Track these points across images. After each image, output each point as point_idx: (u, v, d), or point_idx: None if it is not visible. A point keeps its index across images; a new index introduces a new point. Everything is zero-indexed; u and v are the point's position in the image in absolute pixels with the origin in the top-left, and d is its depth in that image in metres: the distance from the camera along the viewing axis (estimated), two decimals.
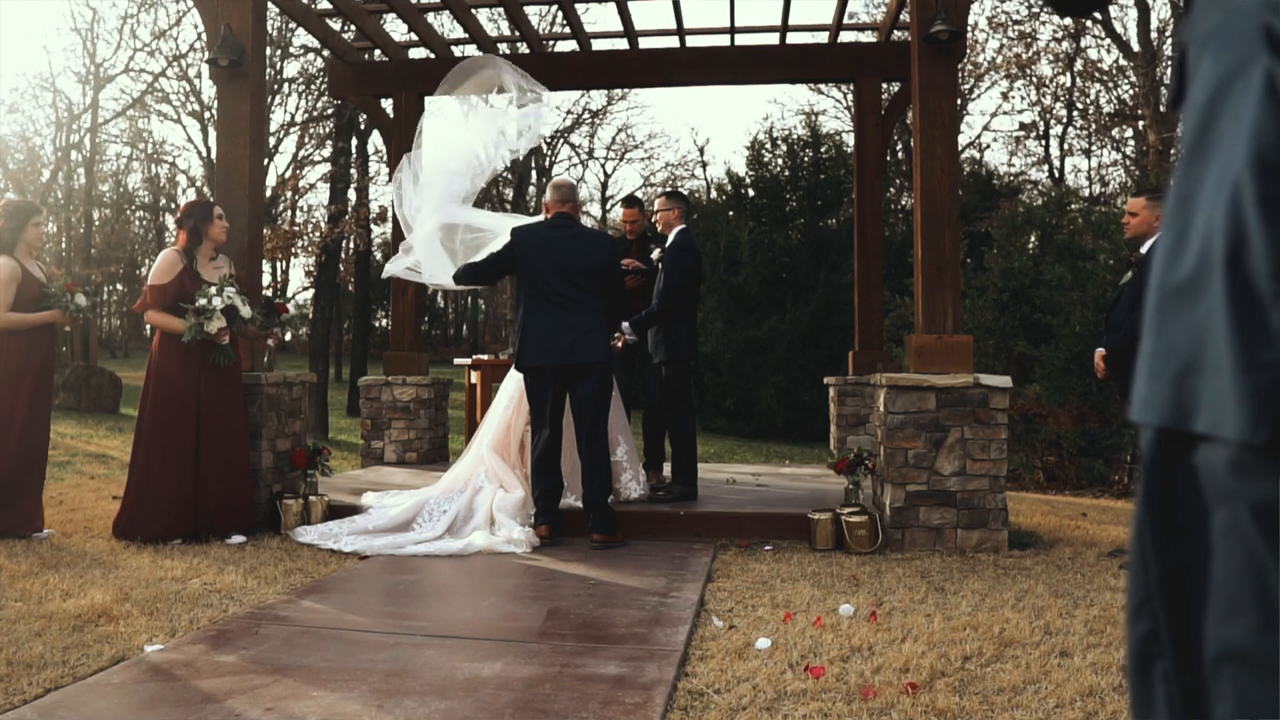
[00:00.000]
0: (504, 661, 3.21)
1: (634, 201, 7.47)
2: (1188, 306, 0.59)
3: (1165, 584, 0.63)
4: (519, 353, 5.52)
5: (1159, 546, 0.63)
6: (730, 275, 16.31)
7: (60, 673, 3.06)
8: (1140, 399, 0.62)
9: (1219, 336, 0.56)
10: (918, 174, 5.88)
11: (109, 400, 15.90)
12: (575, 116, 30.70)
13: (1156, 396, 0.61)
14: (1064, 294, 9.53)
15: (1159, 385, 0.60)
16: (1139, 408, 0.62)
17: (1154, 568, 0.64)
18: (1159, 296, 0.62)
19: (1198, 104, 0.63)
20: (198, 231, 5.72)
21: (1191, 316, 0.59)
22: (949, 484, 5.48)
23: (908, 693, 2.93)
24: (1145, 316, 0.64)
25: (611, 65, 9.40)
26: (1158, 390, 0.60)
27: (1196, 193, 0.61)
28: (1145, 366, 0.62)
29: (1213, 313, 0.57)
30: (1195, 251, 0.59)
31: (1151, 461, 0.64)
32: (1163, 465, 0.63)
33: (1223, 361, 0.55)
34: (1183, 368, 0.59)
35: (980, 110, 41.12)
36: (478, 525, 5.52)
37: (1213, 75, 0.62)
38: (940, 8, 5.72)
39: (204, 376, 5.56)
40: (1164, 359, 0.60)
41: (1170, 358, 0.60)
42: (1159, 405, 0.60)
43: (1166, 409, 0.60)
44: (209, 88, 20.41)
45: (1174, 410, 0.59)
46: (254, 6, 6.29)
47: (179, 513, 5.42)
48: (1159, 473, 0.63)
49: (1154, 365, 0.61)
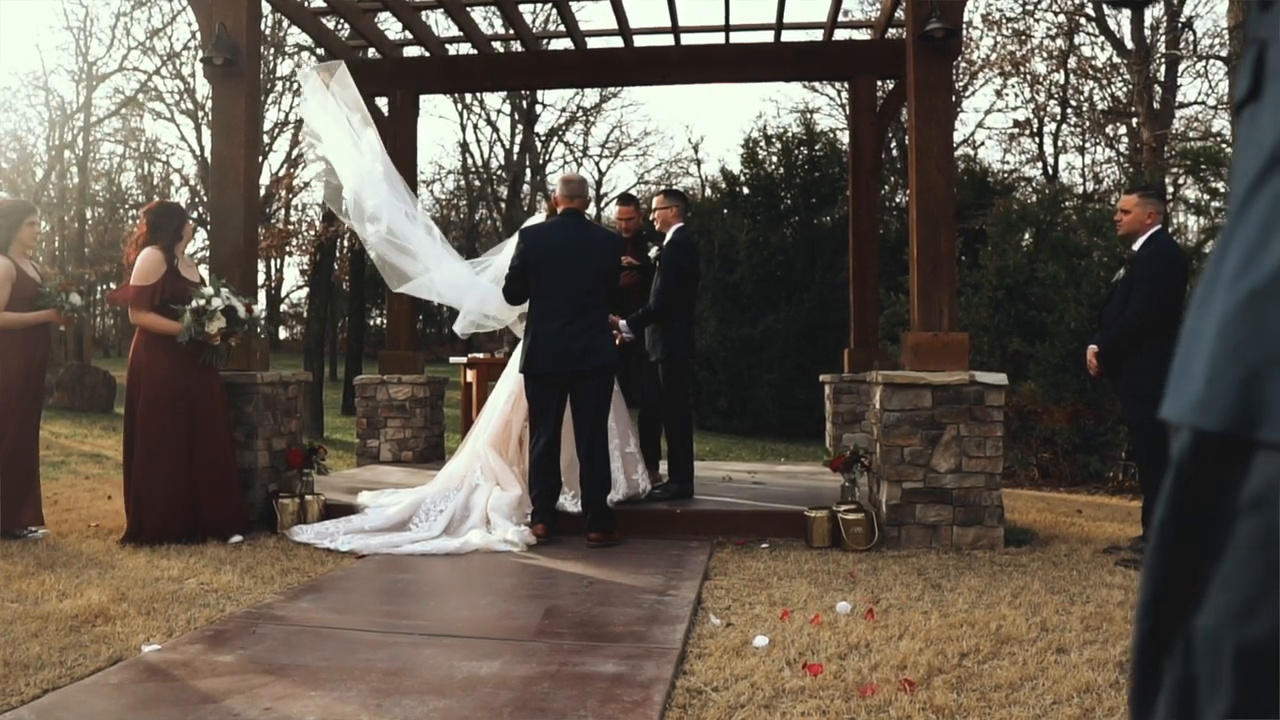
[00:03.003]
0: (502, 660, 3.21)
1: (629, 199, 7.45)
2: (1267, 309, 0.56)
3: (1180, 583, 0.62)
4: (528, 357, 5.49)
5: (1180, 546, 0.63)
6: (725, 273, 16.32)
7: (57, 673, 3.06)
8: (1193, 401, 0.59)
9: None
10: (913, 172, 5.89)
11: (103, 400, 15.87)
12: (569, 114, 30.72)
13: (1218, 400, 0.57)
14: (1059, 291, 9.55)
15: (1221, 388, 0.57)
16: (1191, 410, 0.59)
17: (1170, 566, 0.63)
18: (1234, 295, 0.59)
19: None
20: (178, 233, 5.67)
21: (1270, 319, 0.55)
22: (945, 481, 5.49)
23: (905, 690, 2.94)
24: (1197, 316, 0.61)
25: (606, 63, 9.40)
26: (1220, 393, 0.57)
27: None
28: (1203, 368, 0.59)
29: None
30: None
31: (1187, 463, 0.62)
32: (1199, 468, 0.61)
33: None
34: (1254, 372, 0.55)
35: (974, 107, 41.20)
36: (474, 524, 5.51)
37: None
38: (935, 5, 5.72)
39: (193, 376, 5.55)
40: (1231, 361, 0.57)
41: (1239, 360, 0.56)
42: (1220, 408, 0.57)
43: (1229, 413, 0.57)
44: (203, 86, 20.35)
45: (1239, 415, 0.56)
46: (248, 5, 6.27)
47: (176, 513, 5.41)
48: (1193, 475, 0.61)
49: (1216, 367, 0.58)
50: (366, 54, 9.86)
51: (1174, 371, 0.62)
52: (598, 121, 33.39)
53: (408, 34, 8.94)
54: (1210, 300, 0.61)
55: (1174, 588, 0.63)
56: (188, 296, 5.52)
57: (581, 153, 32.61)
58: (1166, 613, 0.63)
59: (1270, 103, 0.62)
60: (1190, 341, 0.62)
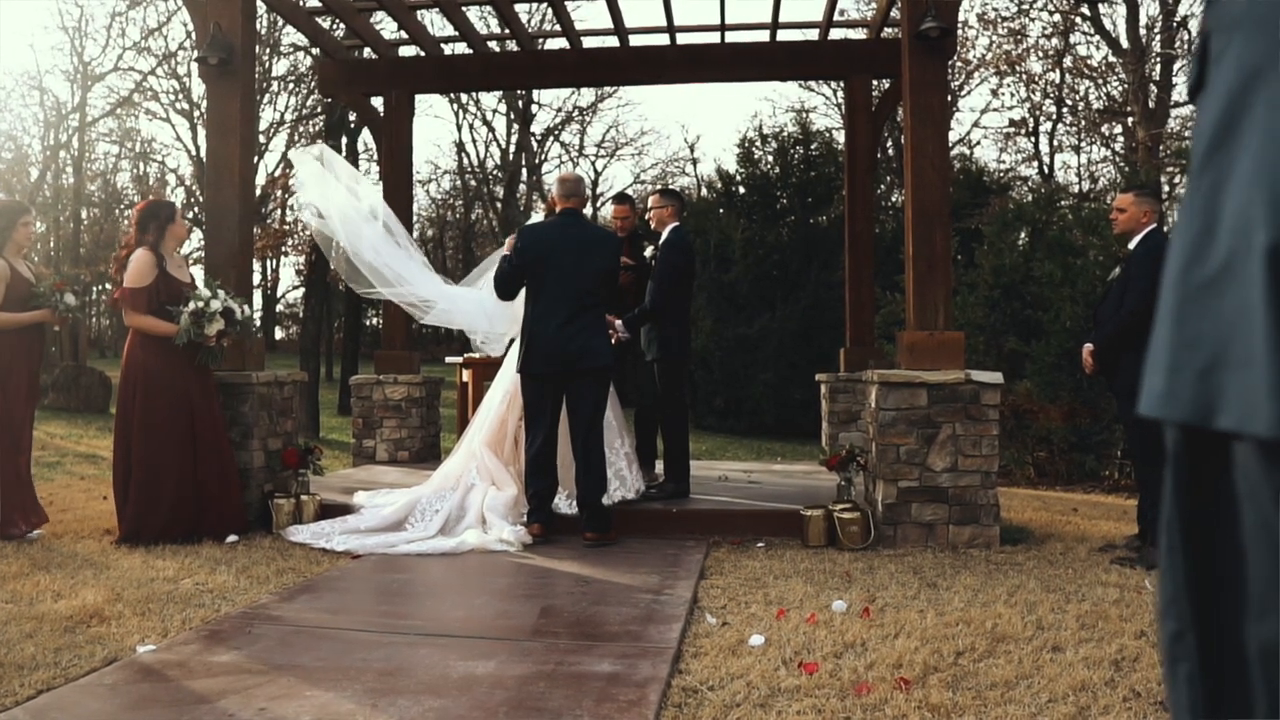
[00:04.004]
0: (498, 660, 3.21)
1: (625, 198, 7.44)
2: (1215, 299, 0.56)
3: (1192, 583, 0.62)
4: (524, 357, 5.48)
5: (1186, 545, 0.62)
6: (721, 273, 16.32)
7: (52, 674, 3.05)
8: (1158, 394, 0.59)
9: (1252, 329, 0.53)
10: (909, 171, 5.89)
11: (99, 400, 15.83)
12: (565, 114, 30.71)
13: (1180, 392, 0.58)
14: (1054, 290, 9.56)
15: (1181, 380, 0.58)
16: (1158, 403, 0.59)
17: (1181, 567, 0.62)
18: (1182, 290, 0.59)
19: (1225, 91, 0.60)
20: (161, 229, 5.65)
21: (1219, 310, 0.56)
22: (941, 480, 5.49)
23: (901, 688, 2.94)
24: (1162, 310, 0.61)
25: (602, 63, 9.40)
26: (1180, 385, 0.58)
27: (1225, 183, 0.58)
28: (1165, 361, 0.59)
29: (1246, 305, 0.54)
30: (1226, 243, 0.56)
31: (1178, 459, 0.62)
32: (1189, 462, 0.61)
33: (1255, 355, 0.53)
34: (1210, 362, 0.56)
35: (970, 107, 41.18)
36: (470, 524, 5.51)
37: (1243, 61, 0.59)
38: (930, 5, 5.73)
39: (190, 376, 5.54)
40: (1188, 353, 0.57)
41: (1196, 352, 0.57)
42: (1183, 400, 0.58)
43: (1190, 404, 0.57)
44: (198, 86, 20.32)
45: (1198, 406, 0.56)
46: (243, 5, 6.26)
47: (177, 513, 5.41)
48: (1185, 470, 0.61)
49: (1176, 359, 0.58)
50: (362, 53, 9.86)
51: (1146, 366, 0.62)
52: (593, 121, 33.43)
53: (403, 33, 8.92)
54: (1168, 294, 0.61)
55: (1191, 588, 0.62)
56: (183, 298, 5.51)
57: (577, 153, 32.62)
58: (1187, 613, 0.63)
59: (1211, 90, 0.61)
60: (1156, 335, 0.62)
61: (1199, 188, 0.60)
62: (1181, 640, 0.62)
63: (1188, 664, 0.62)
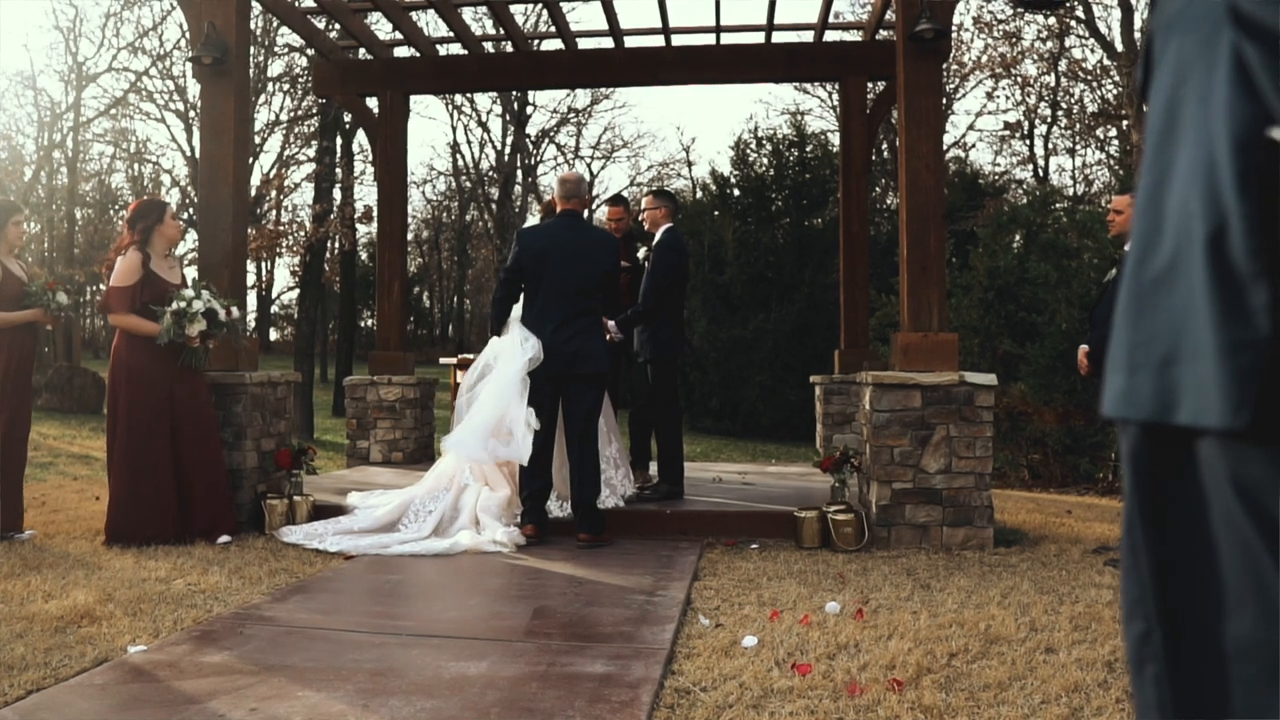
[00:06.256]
0: (490, 661, 3.20)
1: (619, 200, 7.45)
2: (1166, 295, 0.56)
3: (1158, 583, 0.61)
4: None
5: (1151, 544, 0.61)
6: (715, 274, 16.33)
7: (42, 674, 3.03)
8: (1119, 393, 0.59)
9: (1199, 321, 0.53)
10: (903, 173, 5.90)
11: (92, 401, 15.79)
12: (560, 115, 30.70)
13: (1140, 390, 0.58)
14: (1049, 292, 9.57)
15: (1141, 378, 0.58)
16: (1119, 403, 0.59)
17: (1146, 566, 0.62)
18: (1135, 289, 0.59)
19: (1163, 89, 0.60)
20: (149, 229, 5.64)
21: (1170, 305, 0.56)
22: (935, 482, 5.49)
23: (894, 690, 2.93)
24: (1119, 310, 0.61)
25: (597, 64, 9.39)
26: (1140, 383, 0.58)
27: (1167, 179, 0.58)
28: (1124, 360, 0.59)
29: (1192, 297, 0.54)
30: (1171, 238, 0.57)
31: (1137, 457, 0.61)
32: (1150, 460, 0.60)
33: (1203, 347, 0.53)
34: (1164, 358, 0.56)
35: (965, 109, 41.29)
36: (464, 525, 5.50)
37: (1177, 58, 0.59)
38: (925, 7, 5.73)
39: (175, 376, 5.53)
40: (1145, 350, 0.57)
41: (1151, 349, 0.57)
42: (1142, 399, 0.58)
43: (1149, 402, 0.57)
44: (193, 86, 20.28)
45: (1157, 403, 0.56)
46: (238, 5, 6.25)
47: (165, 514, 5.39)
48: (1146, 468, 0.61)
49: (1135, 358, 0.58)
50: (357, 54, 9.85)
51: (1106, 367, 0.62)
52: (589, 123, 33.36)
53: (398, 34, 8.92)
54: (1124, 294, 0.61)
55: (1158, 587, 0.62)
56: (168, 298, 5.50)
57: (573, 154, 32.61)
58: (1154, 613, 0.62)
59: (1154, 90, 0.62)
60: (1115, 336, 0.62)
61: (1145, 186, 0.61)
62: (1149, 640, 0.62)
63: (1155, 665, 0.62)
